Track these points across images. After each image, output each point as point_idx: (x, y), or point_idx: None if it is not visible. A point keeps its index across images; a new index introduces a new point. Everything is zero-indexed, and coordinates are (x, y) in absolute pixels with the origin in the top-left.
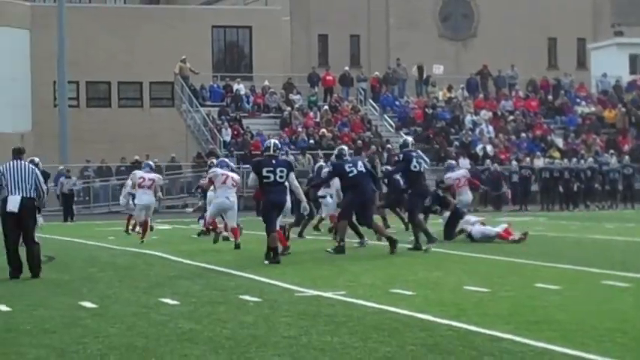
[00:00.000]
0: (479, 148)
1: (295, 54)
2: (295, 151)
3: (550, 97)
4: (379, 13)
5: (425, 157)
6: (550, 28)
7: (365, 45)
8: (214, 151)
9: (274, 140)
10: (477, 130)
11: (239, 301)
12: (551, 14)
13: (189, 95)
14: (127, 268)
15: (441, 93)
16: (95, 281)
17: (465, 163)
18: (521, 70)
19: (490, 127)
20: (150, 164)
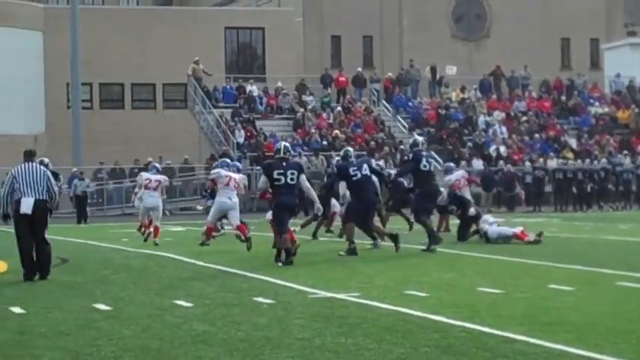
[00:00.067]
0: (492, 149)
1: (308, 55)
2: (308, 153)
3: (563, 98)
4: (392, 14)
5: (437, 158)
6: (563, 28)
7: (378, 46)
8: (227, 153)
9: (284, 143)
10: (490, 131)
11: (253, 303)
12: (564, 14)
13: (202, 97)
14: (141, 270)
15: (454, 94)
16: (109, 283)
17: (479, 164)
18: (535, 71)
19: (503, 128)
20: (156, 166)
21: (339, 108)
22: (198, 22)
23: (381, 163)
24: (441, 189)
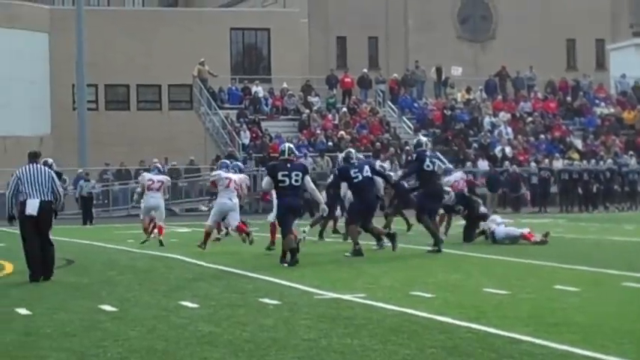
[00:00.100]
0: (498, 149)
1: (313, 56)
2: (314, 154)
3: (569, 99)
4: (397, 14)
5: (443, 159)
6: (568, 29)
7: (383, 47)
8: (233, 154)
9: (289, 144)
10: (496, 132)
11: (258, 304)
12: (570, 15)
13: (207, 98)
14: (147, 271)
15: (460, 95)
16: (115, 284)
17: (484, 164)
18: (540, 72)
19: (509, 129)
20: (158, 166)
21: (344, 109)
22: (203, 23)
23: (385, 164)
24: (446, 189)
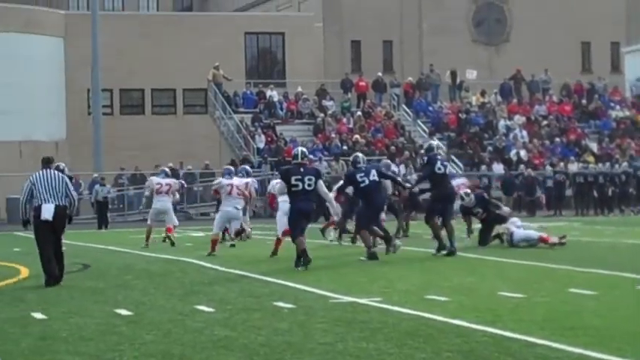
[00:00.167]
0: (513, 153)
1: (328, 60)
2: (329, 158)
3: (584, 102)
4: (412, 18)
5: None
6: (583, 32)
7: (398, 50)
8: (248, 158)
9: (302, 148)
10: (511, 135)
11: (274, 308)
12: (585, 18)
13: (222, 102)
14: (162, 275)
15: (475, 98)
16: (130, 288)
17: (499, 168)
18: (555, 75)
19: (524, 132)
20: (165, 170)
21: (359, 113)
22: (218, 28)
23: (395, 169)
24: (466, 190)
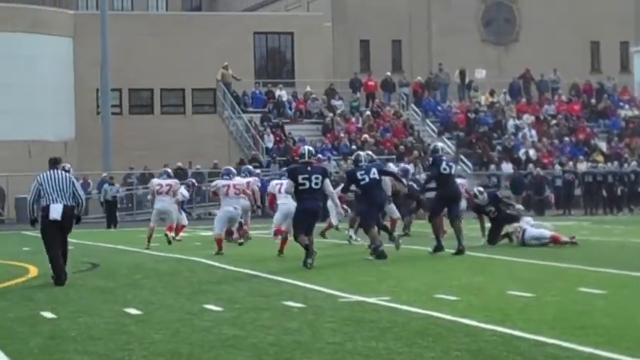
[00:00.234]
0: (522, 152)
1: (337, 60)
2: (337, 157)
3: (593, 101)
4: (421, 18)
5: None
6: (593, 31)
7: (407, 50)
8: (257, 158)
9: (308, 147)
10: (520, 135)
11: (283, 307)
12: (594, 18)
13: (231, 102)
14: (171, 274)
15: (484, 97)
16: (139, 288)
17: (508, 167)
18: (564, 74)
19: (533, 132)
20: (167, 171)
21: (368, 112)
22: (227, 27)
23: (404, 166)
24: (479, 188)
